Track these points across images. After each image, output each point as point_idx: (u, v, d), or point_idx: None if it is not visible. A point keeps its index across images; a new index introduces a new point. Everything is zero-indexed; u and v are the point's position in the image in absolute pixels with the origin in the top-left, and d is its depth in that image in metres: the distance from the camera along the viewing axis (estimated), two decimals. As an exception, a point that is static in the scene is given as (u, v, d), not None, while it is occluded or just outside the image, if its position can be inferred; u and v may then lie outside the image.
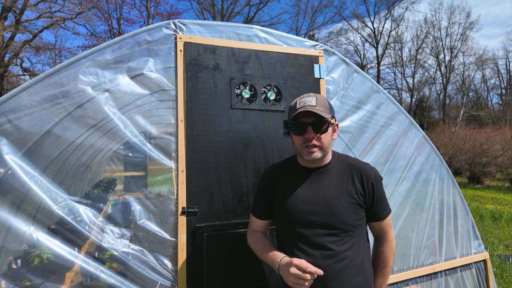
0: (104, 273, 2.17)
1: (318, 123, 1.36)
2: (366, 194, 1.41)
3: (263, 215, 1.59)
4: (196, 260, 1.99)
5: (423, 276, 2.63)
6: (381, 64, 31.34)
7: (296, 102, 1.43)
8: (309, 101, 1.38)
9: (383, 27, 32.65)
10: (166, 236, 2.08)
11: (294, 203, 1.43)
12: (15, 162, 1.91)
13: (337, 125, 1.49)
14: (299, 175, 1.48)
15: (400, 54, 32.85)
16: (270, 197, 1.55)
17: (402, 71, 33.21)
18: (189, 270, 1.98)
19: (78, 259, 2.17)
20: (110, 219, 3.10)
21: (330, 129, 1.41)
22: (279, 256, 1.38)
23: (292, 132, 1.44)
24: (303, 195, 1.43)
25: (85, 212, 2.34)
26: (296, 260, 1.25)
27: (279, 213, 1.50)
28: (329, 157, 1.48)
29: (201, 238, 2.01)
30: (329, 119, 1.37)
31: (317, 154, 1.38)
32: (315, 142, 1.37)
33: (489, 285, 2.86)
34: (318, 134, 1.37)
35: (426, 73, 32.69)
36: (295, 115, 1.38)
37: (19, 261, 2.13)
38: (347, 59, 2.69)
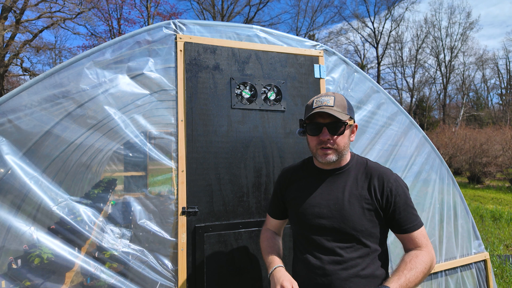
0: (104, 273, 2.16)
1: (334, 125, 1.30)
2: (384, 201, 1.30)
3: (275, 215, 1.59)
4: (196, 260, 1.99)
5: (423, 276, 2.63)
6: (381, 64, 31.34)
7: (313, 101, 1.37)
8: (326, 100, 1.32)
9: (383, 27, 32.65)
10: (166, 236, 2.08)
11: (305, 205, 1.39)
12: (15, 162, 1.91)
13: (356, 126, 1.41)
14: (313, 176, 1.44)
15: (400, 54, 32.86)
16: (283, 198, 1.53)
17: (402, 71, 33.22)
18: (189, 270, 1.98)
19: (78, 259, 2.17)
20: (110, 219, 3.11)
21: (347, 131, 1.33)
22: (275, 264, 1.36)
23: (307, 132, 1.38)
24: (315, 198, 1.38)
25: (85, 212, 2.34)
26: (285, 282, 1.24)
27: (292, 214, 1.48)
28: (346, 159, 1.40)
29: (201, 238, 2.01)
30: (346, 121, 1.30)
31: (332, 156, 1.32)
32: (330, 144, 1.31)
33: (489, 285, 2.86)
34: (334, 136, 1.31)
35: (426, 73, 32.70)
36: (311, 115, 1.32)
37: (19, 261, 2.13)
38: (347, 59, 2.69)
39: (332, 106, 1.30)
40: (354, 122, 1.38)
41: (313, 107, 1.34)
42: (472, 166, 13.29)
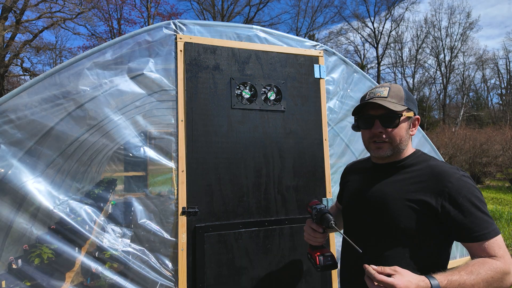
0: (104, 273, 2.17)
1: (388, 117, 1.20)
2: (440, 203, 1.12)
3: (339, 199, 1.62)
4: (196, 260, 2.00)
5: (423, 276, 2.63)
6: (381, 64, 31.32)
7: (367, 93, 1.30)
8: (380, 91, 1.24)
9: (383, 27, 32.64)
10: (167, 236, 2.08)
11: (351, 197, 1.39)
12: (15, 163, 1.92)
13: (417, 119, 1.27)
14: (367, 170, 1.39)
15: (400, 54, 32.84)
16: (341, 189, 1.56)
17: (402, 71, 33.21)
18: (189, 270, 1.99)
19: (79, 259, 2.18)
20: (111, 218, 3.11)
21: (404, 124, 1.22)
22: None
23: (359, 126, 1.30)
24: (361, 191, 1.34)
25: (86, 211, 2.35)
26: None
27: (342, 205, 1.49)
28: (405, 154, 1.27)
29: (201, 238, 2.02)
30: (402, 112, 1.19)
31: (386, 151, 1.23)
32: (383, 137, 1.22)
33: (489, 285, 2.86)
34: (388, 129, 1.21)
35: (426, 73, 32.70)
36: (362, 107, 1.26)
37: (19, 261, 2.14)
38: (347, 59, 2.70)
39: (386, 97, 1.21)
40: (414, 114, 1.25)
41: (366, 98, 1.26)
42: (472, 166, 13.28)
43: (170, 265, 2.03)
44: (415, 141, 2.86)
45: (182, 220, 2.00)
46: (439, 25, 31.57)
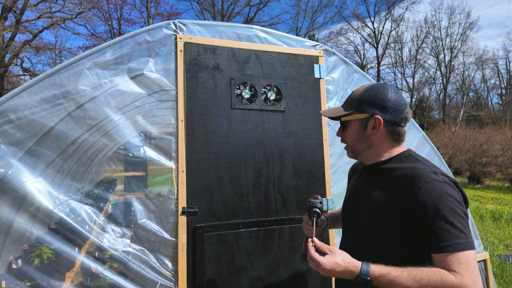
0: (104, 273, 2.17)
1: (340, 121, 1.29)
2: (407, 208, 1.09)
3: None
4: (196, 260, 2.00)
5: (423, 276, 2.62)
6: (381, 64, 31.32)
7: None
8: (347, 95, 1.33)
9: (383, 27, 32.57)
10: (167, 236, 2.08)
11: (345, 199, 1.43)
12: (15, 163, 1.92)
13: (377, 119, 1.19)
14: (360, 171, 1.42)
15: (400, 54, 32.84)
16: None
17: (402, 71, 33.22)
18: (189, 270, 1.98)
19: (79, 259, 2.17)
20: (111, 218, 3.11)
21: (353, 126, 1.24)
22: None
23: None
24: (351, 193, 1.38)
25: (86, 211, 2.35)
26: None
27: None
28: (383, 156, 1.25)
29: (201, 238, 2.02)
30: (344, 116, 1.24)
31: (349, 153, 1.32)
32: (342, 141, 1.31)
33: (489, 285, 2.86)
34: (343, 132, 1.29)
35: (426, 73, 32.70)
36: None
37: (19, 261, 2.14)
38: (347, 59, 2.70)
39: (343, 101, 1.30)
40: (373, 115, 1.20)
41: None
42: (472, 166, 13.29)
43: (170, 265, 2.03)
44: (415, 141, 2.85)
45: (182, 220, 2.00)
46: (439, 25, 31.61)
